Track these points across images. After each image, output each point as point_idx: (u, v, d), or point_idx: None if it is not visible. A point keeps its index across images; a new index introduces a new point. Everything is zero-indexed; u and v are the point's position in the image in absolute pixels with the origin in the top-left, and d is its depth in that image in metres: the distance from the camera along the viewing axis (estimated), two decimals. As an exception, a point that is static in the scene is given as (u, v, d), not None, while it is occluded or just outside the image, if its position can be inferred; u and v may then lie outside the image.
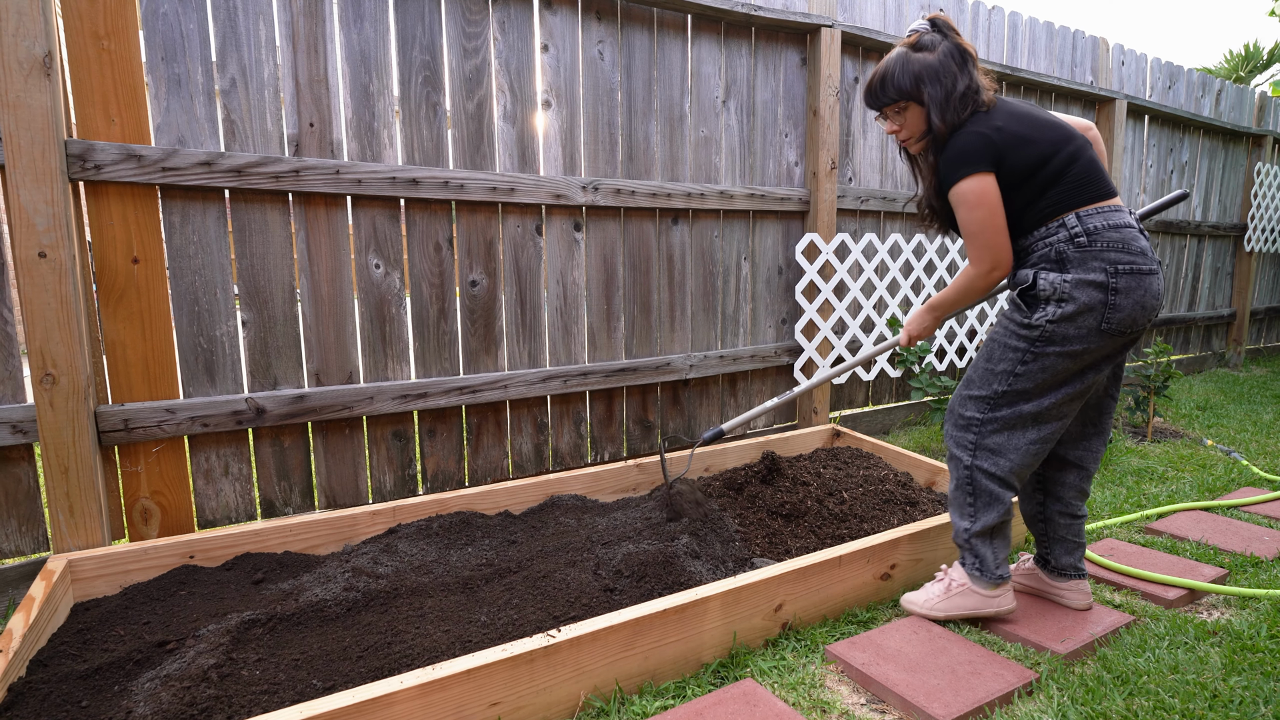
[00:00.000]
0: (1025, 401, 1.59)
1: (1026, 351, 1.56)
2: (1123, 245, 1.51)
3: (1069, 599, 1.78)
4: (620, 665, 1.44)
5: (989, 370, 1.63)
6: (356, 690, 1.19)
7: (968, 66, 1.59)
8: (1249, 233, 5.41)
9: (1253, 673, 1.51)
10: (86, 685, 1.36)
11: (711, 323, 2.97)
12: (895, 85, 1.62)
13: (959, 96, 1.57)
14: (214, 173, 1.95)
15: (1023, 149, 1.54)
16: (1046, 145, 1.55)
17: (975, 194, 1.54)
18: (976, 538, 1.68)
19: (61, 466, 1.79)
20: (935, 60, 1.59)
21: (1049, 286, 1.53)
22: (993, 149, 1.53)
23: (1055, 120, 1.60)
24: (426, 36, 2.25)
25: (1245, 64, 10.15)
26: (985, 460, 1.63)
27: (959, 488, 1.69)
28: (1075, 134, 1.59)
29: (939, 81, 1.58)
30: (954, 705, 1.39)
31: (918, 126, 1.66)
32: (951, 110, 1.58)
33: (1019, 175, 1.55)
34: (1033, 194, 1.56)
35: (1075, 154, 1.56)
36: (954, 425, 1.69)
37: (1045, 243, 1.57)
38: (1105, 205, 1.55)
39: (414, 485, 2.41)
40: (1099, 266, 1.50)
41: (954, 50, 1.60)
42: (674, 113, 2.76)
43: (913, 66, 1.60)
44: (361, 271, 2.24)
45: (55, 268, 1.74)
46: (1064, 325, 1.51)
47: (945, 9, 3.48)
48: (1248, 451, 3.21)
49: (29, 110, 1.69)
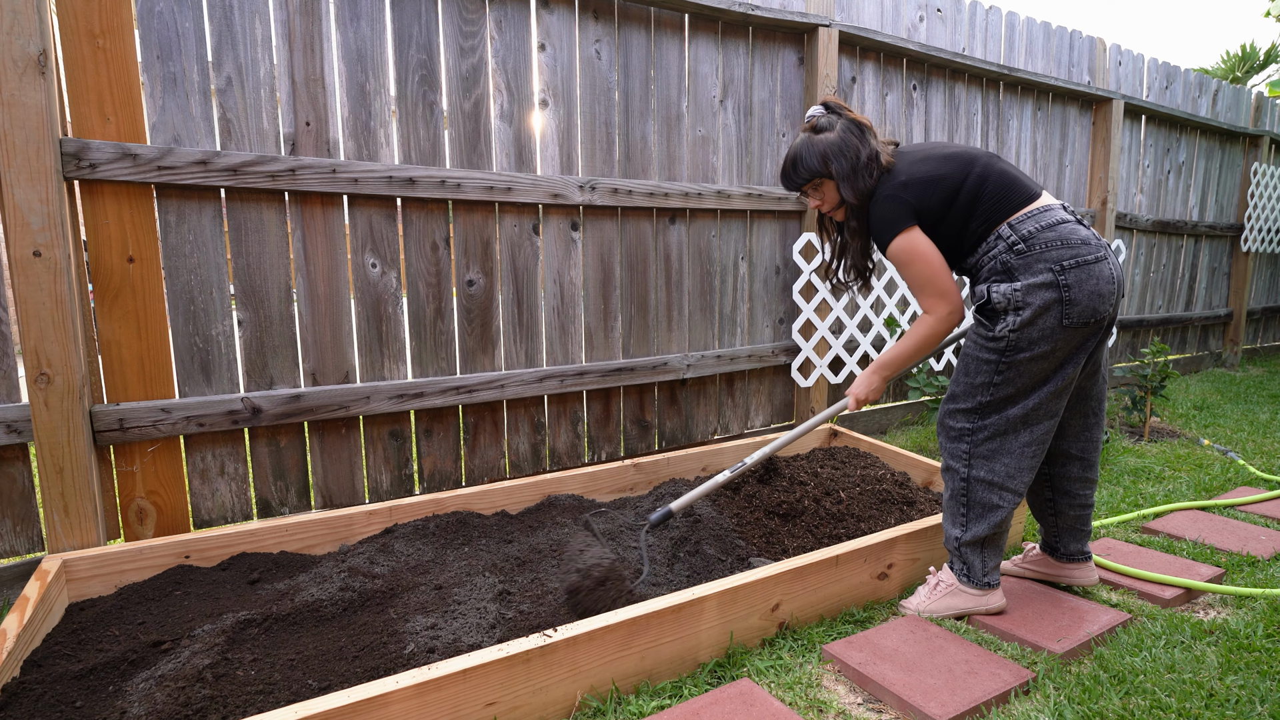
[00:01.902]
0: (1010, 406, 1.64)
1: (999, 362, 1.62)
2: (1061, 242, 1.57)
3: (1078, 579, 1.88)
4: (617, 665, 1.43)
5: (969, 384, 1.68)
6: (352, 690, 1.19)
7: (865, 137, 1.73)
8: (1245, 233, 5.42)
9: (1249, 672, 1.51)
10: (81, 686, 1.36)
11: (709, 322, 2.97)
12: (806, 166, 1.76)
13: (864, 165, 1.71)
14: (210, 172, 1.94)
15: (932, 189, 1.66)
16: (954, 177, 1.66)
17: (907, 251, 1.66)
18: (966, 546, 1.72)
19: (56, 466, 1.79)
20: (836, 138, 1.72)
21: (1002, 298, 1.59)
22: (906, 205, 1.66)
23: (955, 151, 1.71)
24: (423, 35, 2.25)
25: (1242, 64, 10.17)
26: (981, 469, 1.67)
27: (954, 498, 1.73)
28: (977, 155, 1.70)
29: (844, 156, 1.71)
30: (951, 705, 1.39)
31: (834, 198, 1.79)
32: (860, 179, 1.71)
33: (940, 211, 1.67)
34: (960, 220, 1.67)
35: (984, 173, 1.66)
36: (946, 438, 1.74)
37: (989, 257, 1.65)
38: (1033, 208, 1.62)
39: (410, 485, 2.41)
40: (1043, 268, 1.56)
41: (851, 125, 1.73)
42: (671, 112, 2.76)
43: (818, 147, 1.73)
44: (358, 271, 2.24)
45: (50, 267, 1.73)
46: (1026, 330, 1.57)
47: (942, 9, 3.48)
48: (1244, 451, 3.22)
49: (23, 109, 1.68)
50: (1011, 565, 1.99)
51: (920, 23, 3.42)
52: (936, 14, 3.48)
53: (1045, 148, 4.11)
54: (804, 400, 3.22)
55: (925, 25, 3.44)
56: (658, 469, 2.53)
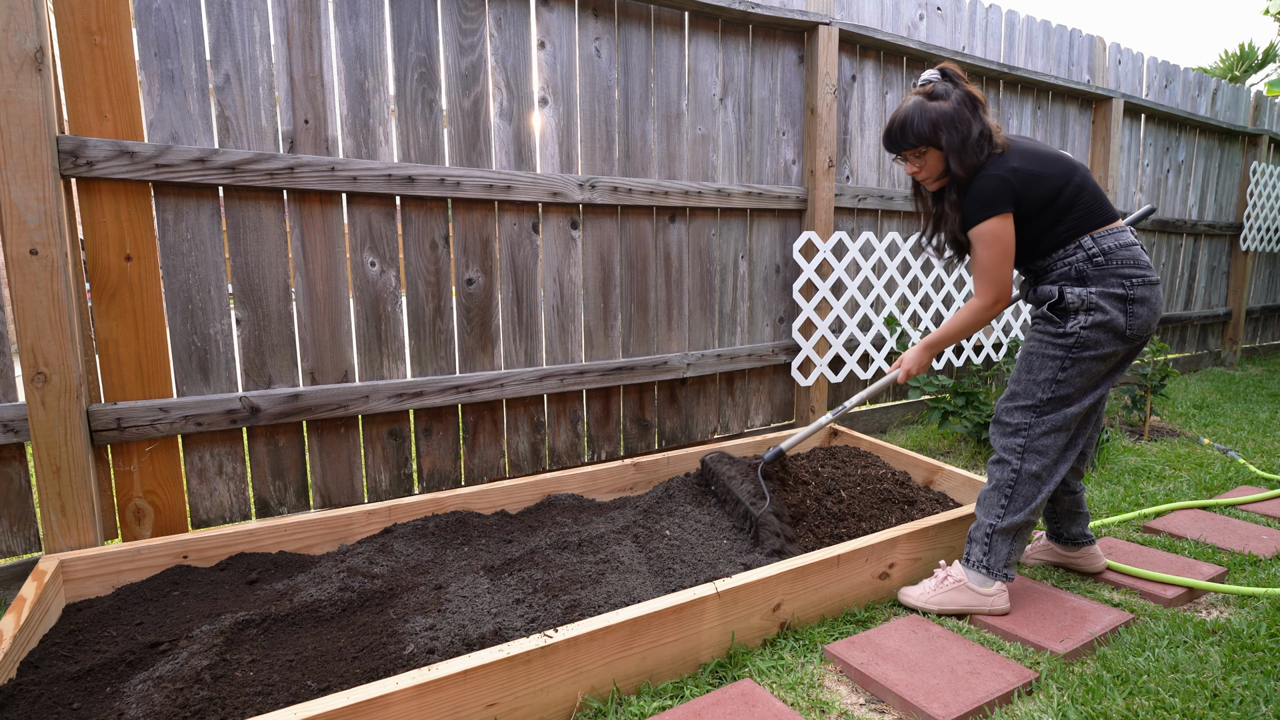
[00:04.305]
0: (1068, 405, 1.71)
1: (1065, 358, 1.68)
2: (1134, 261, 1.67)
3: (1086, 564, 1.97)
4: (618, 665, 1.42)
5: (1031, 381, 1.74)
6: (352, 691, 1.18)
7: (979, 113, 1.71)
8: (1244, 232, 5.43)
9: (1253, 672, 1.51)
10: (78, 687, 1.35)
11: (709, 321, 2.96)
12: (915, 132, 1.72)
13: (974, 141, 1.69)
14: (208, 170, 1.93)
15: (1037, 185, 1.68)
16: (1058, 179, 1.69)
17: (993, 234, 1.68)
18: (999, 534, 1.76)
19: (53, 466, 1.78)
20: (950, 108, 1.69)
21: (1076, 299, 1.66)
22: (1011, 190, 1.67)
23: (1060, 155, 1.74)
24: (422, 33, 2.24)
25: (1240, 64, 10.19)
26: (1034, 462, 1.73)
27: (997, 488, 1.77)
28: (1078, 165, 1.73)
29: (955, 128, 1.68)
30: (953, 705, 1.39)
31: (936, 168, 1.76)
32: (969, 154, 1.69)
33: (1036, 207, 1.69)
34: (1049, 222, 1.70)
35: (1082, 184, 1.70)
36: (1001, 434, 1.79)
37: (1065, 262, 1.70)
38: (1114, 227, 1.70)
39: (410, 485, 2.40)
40: (1117, 281, 1.65)
41: (966, 98, 1.71)
42: (671, 110, 2.75)
43: (930, 114, 1.70)
44: (357, 269, 2.23)
45: (47, 265, 1.72)
46: (1095, 331, 1.65)
47: (942, 8, 3.48)
48: (1244, 450, 3.22)
49: (20, 106, 1.67)
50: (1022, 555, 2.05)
51: (920, 21, 3.41)
52: (936, 12, 3.47)
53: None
54: (804, 399, 3.21)
55: (925, 23, 3.43)
56: (658, 468, 2.52)
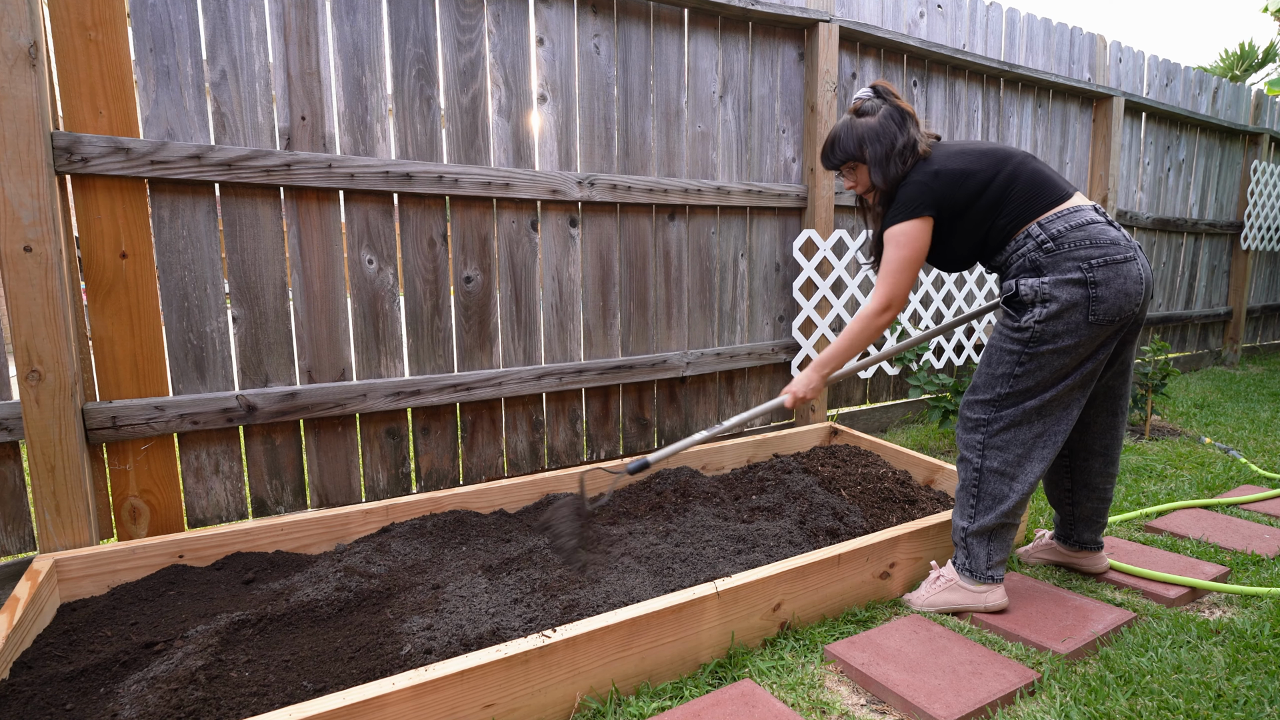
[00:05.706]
0: (1028, 399, 1.66)
1: (1021, 353, 1.64)
2: (1090, 241, 1.59)
3: (1089, 565, 1.94)
4: (616, 666, 1.41)
5: (990, 375, 1.70)
6: (348, 692, 1.16)
7: (906, 125, 1.75)
8: (1245, 231, 5.42)
9: (1257, 672, 1.50)
10: (71, 687, 1.33)
11: (708, 320, 2.94)
12: (842, 149, 1.80)
13: (898, 153, 1.73)
14: (204, 166, 1.92)
15: (965, 182, 1.68)
16: (986, 172, 1.68)
17: (906, 235, 1.69)
18: (973, 537, 1.73)
19: (48, 465, 1.76)
20: (875, 123, 1.75)
21: (1030, 291, 1.62)
22: (931, 194, 1.68)
23: (993, 149, 1.73)
24: (420, 29, 2.22)
25: (1241, 62, 10.18)
26: (994, 459, 1.69)
27: (964, 488, 1.74)
28: (1013, 154, 1.71)
29: (879, 142, 1.74)
30: (955, 706, 1.38)
31: (867, 181, 1.81)
32: (892, 166, 1.73)
33: (965, 204, 1.69)
34: (987, 215, 1.69)
35: (1015, 172, 1.67)
36: (962, 429, 1.76)
37: (1018, 254, 1.67)
38: (1063, 209, 1.64)
39: (407, 484, 2.39)
40: (1072, 265, 1.58)
41: (893, 112, 1.76)
42: (671, 108, 2.74)
43: (857, 131, 1.77)
44: (354, 267, 2.21)
45: (41, 262, 1.71)
46: (1052, 323, 1.59)
47: (943, 5, 3.46)
48: (1246, 449, 3.21)
49: (13, 101, 1.65)
50: (1022, 552, 2.04)
51: (920, 19, 3.40)
52: (937, 10, 3.46)
53: (1045, 145, 4.09)
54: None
55: (925, 21, 3.42)
56: (657, 467, 2.50)
